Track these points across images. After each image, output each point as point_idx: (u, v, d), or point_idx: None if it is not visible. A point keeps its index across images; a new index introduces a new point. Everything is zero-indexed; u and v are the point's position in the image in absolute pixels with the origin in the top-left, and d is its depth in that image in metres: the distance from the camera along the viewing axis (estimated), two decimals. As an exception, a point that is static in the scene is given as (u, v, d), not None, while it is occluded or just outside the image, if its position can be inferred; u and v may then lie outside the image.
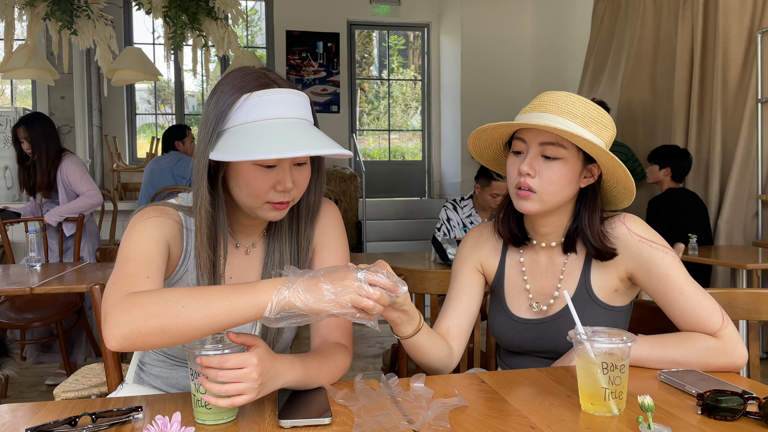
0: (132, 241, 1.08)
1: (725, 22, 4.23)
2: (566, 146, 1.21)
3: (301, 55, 7.68)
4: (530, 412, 0.99)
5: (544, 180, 1.22)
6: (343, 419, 0.96)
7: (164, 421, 0.74)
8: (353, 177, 7.25)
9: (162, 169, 4.47)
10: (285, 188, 1.09)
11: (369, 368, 3.90)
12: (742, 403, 0.94)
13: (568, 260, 1.32)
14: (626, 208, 1.34)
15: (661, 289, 1.22)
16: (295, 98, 1.09)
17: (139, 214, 1.14)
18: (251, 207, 1.12)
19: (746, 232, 4.15)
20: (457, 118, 7.56)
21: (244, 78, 1.10)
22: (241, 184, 1.10)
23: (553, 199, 1.24)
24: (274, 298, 0.91)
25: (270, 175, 1.08)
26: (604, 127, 1.23)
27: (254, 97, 1.06)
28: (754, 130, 4.09)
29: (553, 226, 1.31)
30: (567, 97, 1.22)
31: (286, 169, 1.09)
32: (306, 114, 1.11)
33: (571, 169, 1.23)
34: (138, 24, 7.45)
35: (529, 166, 1.22)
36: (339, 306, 0.92)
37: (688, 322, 1.20)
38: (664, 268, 1.21)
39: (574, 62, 6.16)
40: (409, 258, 3.31)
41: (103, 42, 4.53)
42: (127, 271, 1.03)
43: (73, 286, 2.48)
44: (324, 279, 0.93)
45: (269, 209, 1.12)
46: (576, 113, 1.20)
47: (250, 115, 1.06)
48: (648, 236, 1.24)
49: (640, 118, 4.99)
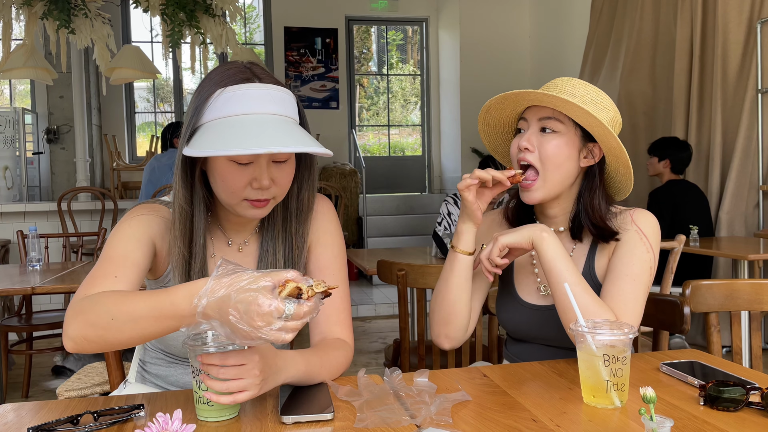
0: (114, 239, 1.09)
1: (725, 12, 4.21)
2: (563, 121, 1.25)
3: (299, 52, 7.66)
4: (532, 406, 0.99)
5: (543, 153, 1.25)
6: (345, 414, 0.96)
7: (165, 418, 0.74)
8: (353, 173, 7.25)
9: (161, 166, 4.47)
10: (261, 186, 1.06)
11: (371, 363, 3.90)
12: (744, 393, 0.94)
13: (576, 247, 1.33)
14: (628, 202, 1.35)
15: (614, 267, 1.24)
16: (272, 94, 1.05)
17: (130, 212, 1.14)
18: (229, 204, 1.11)
19: (747, 223, 4.14)
20: (456, 113, 7.55)
21: (225, 73, 1.09)
22: (218, 180, 1.09)
23: (554, 176, 1.26)
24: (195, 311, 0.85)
25: (246, 172, 1.06)
26: (603, 108, 1.26)
27: (228, 92, 1.04)
28: (755, 121, 4.08)
29: (559, 208, 1.33)
30: (569, 80, 1.28)
31: (263, 166, 1.06)
32: (286, 111, 1.07)
33: (568, 144, 1.25)
34: (136, 22, 7.44)
35: (528, 141, 1.26)
36: (243, 338, 0.83)
37: (612, 309, 1.20)
38: (633, 256, 1.23)
39: (573, 55, 6.15)
40: (409, 253, 3.31)
41: (101, 41, 4.52)
42: (98, 271, 1.04)
43: (75, 285, 2.48)
44: (234, 301, 0.81)
45: (248, 207, 1.09)
46: (575, 93, 1.26)
47: (223, 110, 1.04)
48: (645, 230, 1.25)
49: (640, 110, 4.98)
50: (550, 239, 1.20)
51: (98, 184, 6.96)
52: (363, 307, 5.41)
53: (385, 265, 2.17)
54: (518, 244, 1.21)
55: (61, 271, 2.81)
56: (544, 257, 1.19)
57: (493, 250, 1.21)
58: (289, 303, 0.81)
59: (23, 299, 3.45)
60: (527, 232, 1.21)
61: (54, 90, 6.33)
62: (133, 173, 6.87)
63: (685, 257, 3.41)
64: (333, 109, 7.77)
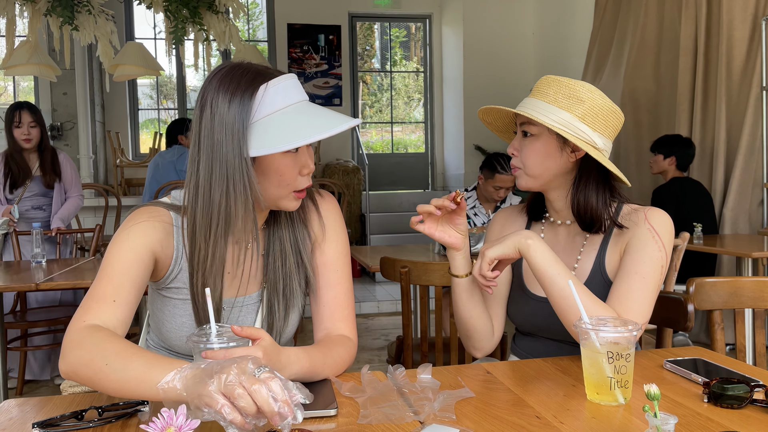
0: (113, 252, 1.09)
1: (729, 9, 4.20)
2: (535, 124, 1.29)
3: (302, 48, 7.66)
4: (536, 403, 0.99)
5: (523, 156, 1.32)
6: (348, 410, 0.96)
7: (170, 413, 0.74)
8: (356, 170, 7.25)
9: (165, 163, 4.47)
10: (310, 170, 1.13)
11: (374, 360, 3.90)
12: (748, 390, 0.94)
13: (587, 241, 1.34)
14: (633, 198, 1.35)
15: (625, 265, 1.25)
16: (297, 82, 1.12)
17: (130, 217, 1.14)
18: (278, 197, 1.13)
19: (751, 221, 4.13)
20: (459, 110, 7.54)
21: (229, 73, 1.09)
22: (272, 176, 1.10)
23: (537, 172, 1.31)
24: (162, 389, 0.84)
25: (297, 161, 1.11)
26: (577, 101, 1.26)
27: (272, 86, 1.08)
28: (759, 118, 4.06)
29: (561, 201, 1.35)
30: (547, 78, 1.31)
31: (306, 152, 1.12)
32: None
33: (544, 144, 1.29)
34: (139, 19, 7.45)
35: (513, 146, 1.35)
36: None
37: (620, 306, 1.21)
38: (644, 254, 1.23)
39: (576, 52, 6.13)
40: (413, 250, 3.31)
41: (105, 37, 4.52)
42: (97, 292, 1.05)
43: (79, 281, 2.48)
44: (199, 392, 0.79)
45: (293, 198, 1.14)
46: (548, 92, 1.29)
47: (274, 104, 1.07)
48: (657, 228, 1.25)
49: (644, 108, 4.96)
50: (536, 245, 1.20)
51: (102, 180, 6.97)
52: (366, 304, 5.42)
53: (388, 262, 2.18)
54: (505, 255, 1.22)
55: (64, 268, 2.82)
56: (532, 264, 1.20)
57: (482, 265, 1.22)
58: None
59: (17, 296, 3.44)
60: (511, 241, 1.21)
61: (57, 87, 6.34)
62: (136, 170, 6.87)
63: (689, 255, 3.40)
64: (336, 106, 7.76)
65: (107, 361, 0.93)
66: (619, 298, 1.21)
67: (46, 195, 3.61)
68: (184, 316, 1.19)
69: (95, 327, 1.00)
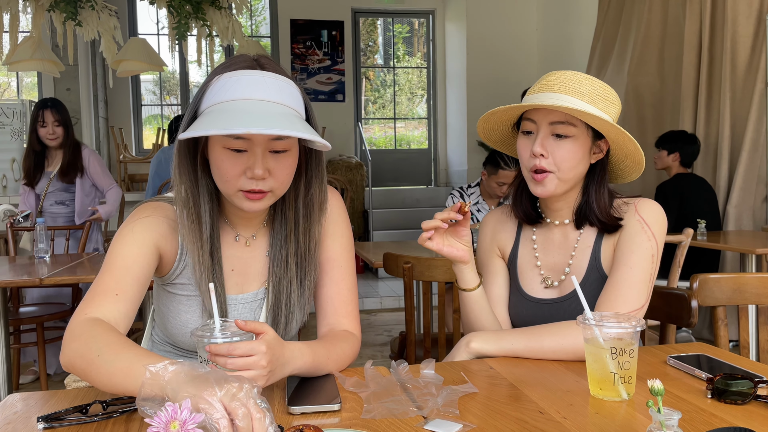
0: (116, 247, 1.10)
1: (734, 5, 4.18)
2: (576, 124, 1.24)
3: (305, 44, 7.65)
4: (539, 398, 0.99)
5: (557, 159, 1.24)
6: (352, 405, 0.96)
7: (174, 407, 0.74)
8: (359, 166, 7.24)
9: (168, 159, 4.47)
10: (254, 175, 1.04)
11: (377, 356, 3.91)
12: (752, 386, 0.94)
13: (580, 237, 1.34)
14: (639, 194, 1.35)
15: (616, 258, 1.26)
16: (270, 81, 1.04)
17: (134, 212, 1.15)
18: (227, 194, 1.10)
19: (755, 217, 4.12)
20: (463, 106, 7.53)
21: (229, 62, 1.10)
22: (214, 168, 1.09)
23: (571, 175, 1.26)
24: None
25: (240, 160, 1.05)
26: (610, 103, 1.25)
27: (225, 78, 1.05)
28: (763, 114, 4.05)
29: (564, 202, 1.34)
30: (573, 75, 1.24)
31: (258, 155, 1.04)
32: (287, 101, 1.05)
33: (581, 146, 1.25)
34: (142, 14, 7.44)
35: (542, 147, 1.24)
36: None
37: (608, 297, 1.22)
38: (634, 246, 1.24)
39: (580, 48, 6.11)
40: (415, 246, 3.31)
41: (108, 33, 4.52)
42: (100, 286, 1.06)
43: (83, 277, 2.49)
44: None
45: (243, 198, 1.08)
46: (583, 91, 1.23)
47: (220, 95, 1.04)
48: (646, 218, 1.26)
49: (648, 104, 4.95)
50: (482, 342, 1.21)
51: (105, 176, 6.97)
52: (368, 300, 5.42)
53: (391, 258, 2.18)
54: (476, 356, 1.22)
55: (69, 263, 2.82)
56: (496, 355, 1.21)
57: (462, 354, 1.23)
58: None
59: (11, 292, 3.45)
60: (463, 353, 1.22)
61: (61, 82, 6.34)
62: (139, 165, 6.88)
63: (693, 251, 3.39)
64: (339, 102, 7.75)
65: (99, 352, 0.93)
66: (610, 290, 1.22)
67: (67, 191, 3.66)
68: (189, 312, 1.19)
69: (95, 320, 1.00)
